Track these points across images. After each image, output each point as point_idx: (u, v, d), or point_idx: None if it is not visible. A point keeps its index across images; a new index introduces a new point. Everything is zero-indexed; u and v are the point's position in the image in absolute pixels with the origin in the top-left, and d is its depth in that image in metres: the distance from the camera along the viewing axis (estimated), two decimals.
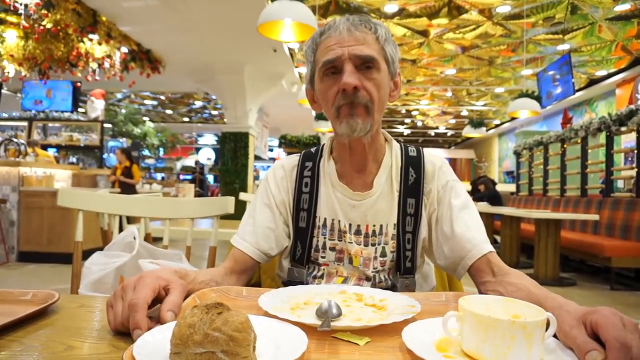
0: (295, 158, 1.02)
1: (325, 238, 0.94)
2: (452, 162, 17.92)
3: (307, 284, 0.95)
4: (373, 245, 0.93)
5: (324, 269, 0.95)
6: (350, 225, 0.93)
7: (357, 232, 0.93)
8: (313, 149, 1.03)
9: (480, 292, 0.83)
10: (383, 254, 0.93)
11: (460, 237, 0.87)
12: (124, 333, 0.59)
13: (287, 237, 0.99)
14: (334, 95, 0.86)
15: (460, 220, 0.89)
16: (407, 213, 0.93)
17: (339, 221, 0.93)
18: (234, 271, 0.91)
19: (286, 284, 0.99)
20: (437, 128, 15.88)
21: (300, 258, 0.95)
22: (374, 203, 0.93)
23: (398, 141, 1.02)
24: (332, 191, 0.95)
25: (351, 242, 0.93)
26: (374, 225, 0.93)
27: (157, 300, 0.63)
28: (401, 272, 0.93)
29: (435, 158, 0.98)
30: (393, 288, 0.92)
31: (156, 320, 0.59)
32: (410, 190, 0.93)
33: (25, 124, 8.55)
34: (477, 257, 0.84)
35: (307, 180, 0.97)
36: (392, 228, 0.93)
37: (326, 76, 0.87)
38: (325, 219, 0.94)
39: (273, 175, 1.00)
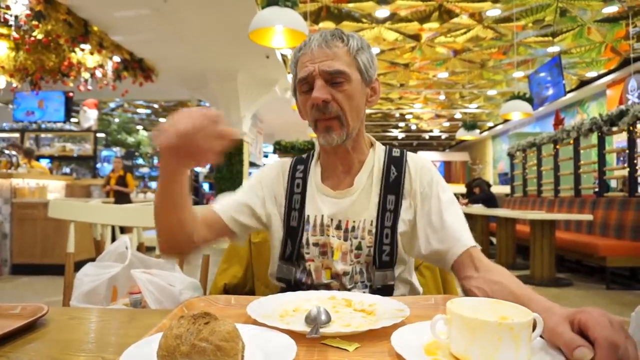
0: (288, 160, 1.08)
1: (308, 234, 0.98)
2: (447, 164, 17.99)
3: (296, 280, 0.98)
4: (350, 239, 0.96)
5: (309, 265, 0.98)
6: (332, 220, 0.97)
7: (338, 227, 0.97)
8: (304, 155, 1.09)
9: (463, 287, 0.85)
10: (358, 248, 0.96)
11: (451, 228, 0.91)
12: (113, 344, 0.58)
13: (259, 224, 1.04)
14: (310, 108, 0.93)
15: (449, 213, 0.93)
16: (386, 209, 0.96)
17: (322, 216, 0.97)
18: (204, 219, 0.97)
19: (278, 280, 1.02)
20: (431, 131, 15.96)
21: (290, 256, 0.99)
22: (355, 200, 0.97)
23: (386, 145, 1.06)
24: (317, 192, 1.00)
25: (333, 236, 0.97)
26: (354, 221, 0.97)
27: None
28: (377, 266, 0.95)
29: (419, 158, 1.02)
30: (369, 281, 0.95)
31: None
32: (390, 187, 0.98)
33: (17, 135, 8.50)
34: (462, 250, 0.88)
35: (299, 182, 1.02)
36: (370, 224, 0.96)
37: (302, 92, 0.95)
38: (308, 215, 0.99)
39: (269, 170, 1.07)
